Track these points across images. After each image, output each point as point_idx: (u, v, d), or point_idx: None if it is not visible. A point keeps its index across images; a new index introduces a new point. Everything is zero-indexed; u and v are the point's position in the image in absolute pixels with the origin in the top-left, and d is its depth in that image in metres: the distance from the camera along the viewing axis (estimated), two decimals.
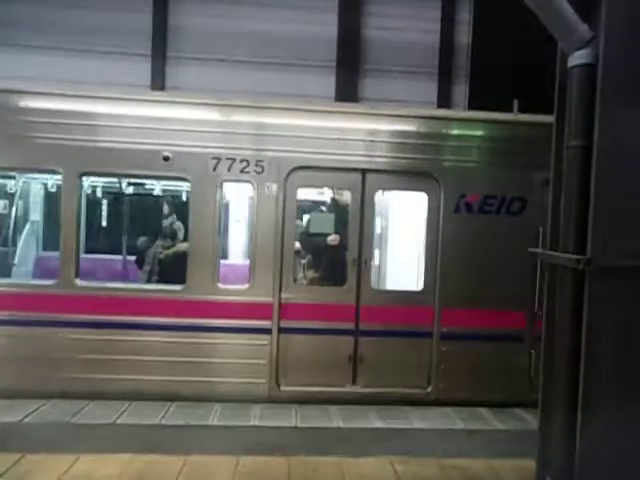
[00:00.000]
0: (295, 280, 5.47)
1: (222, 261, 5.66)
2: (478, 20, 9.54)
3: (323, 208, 6.31)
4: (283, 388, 5.24)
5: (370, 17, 9.59)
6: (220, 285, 5.26)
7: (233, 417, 4.78)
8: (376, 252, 5.91)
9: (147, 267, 6.38)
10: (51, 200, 7.64)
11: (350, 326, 5.34)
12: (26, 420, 4.52)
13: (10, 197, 7.21)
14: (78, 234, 5.35)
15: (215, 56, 9.27)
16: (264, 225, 5.28)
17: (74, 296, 5.11)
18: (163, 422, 4.63)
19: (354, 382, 5.34)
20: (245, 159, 5.20)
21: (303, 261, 5.93)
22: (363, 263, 5.37)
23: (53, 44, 9.01)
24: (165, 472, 3.66)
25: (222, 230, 5.68)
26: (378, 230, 5.96)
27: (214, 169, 5.18)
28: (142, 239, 6.93)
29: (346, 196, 5.70)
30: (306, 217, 6.27)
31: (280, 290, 5.25)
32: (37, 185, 7.66)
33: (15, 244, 7.34)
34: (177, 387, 5.09)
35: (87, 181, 6.66)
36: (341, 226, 5.65)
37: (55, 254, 7.53)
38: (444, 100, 9.56)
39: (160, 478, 3.59)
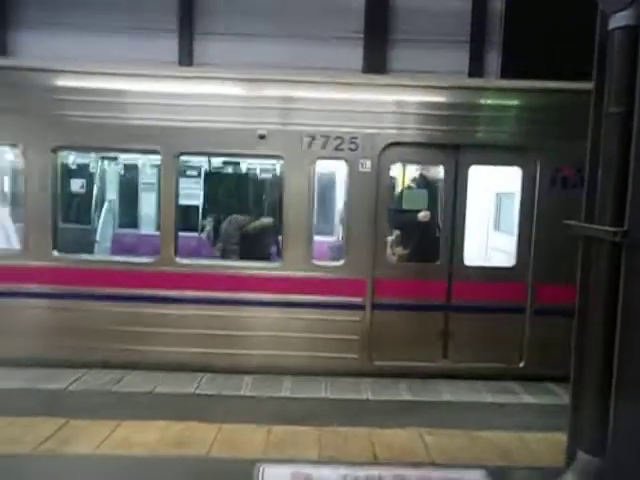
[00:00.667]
0: (387, 257, 5.53)
1: None
2: None
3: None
4: (376, 362, 5.33)
5: None
6: (315, 261, 5.36)
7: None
8: (467, 228, 5.85)
9: (220, 244, 6.48)
10: (126, 179, 8.15)
11: (441, 302, 5.38)
12: (70, 388, 4.75)
13: (90, 177, 7.55)
14: (177, 213, 5.46)
15: (241, 30, 9.21)
16: (358, 202, 5.31)
17: (174, 273, 5.27)
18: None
19: (445, 357, 5.41)
20: (340, 136, 5.21)
21: (391, 238, 5.92)
22: (455, 239, 5.36)
23: (79, 21, 9.10)
24: (201, 438, 3.81)
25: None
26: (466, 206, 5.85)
27: (309, 146, 5.21)
28: (212, 215, 7.07)
29: (433, 172, 5.69)
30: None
31: (374, 266, 5.29)
32: (113, 165, 8.00)
33: (96, 222, 7.73)
34: (275, 360, 5.24)
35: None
36: (431, 202, 5.66)
37: (129, 231, 7.93)
38: (476, 69, 9.29)
39: (196, 444, 3.74)
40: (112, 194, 8.07)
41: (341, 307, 5.28)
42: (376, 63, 9.21)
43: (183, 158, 6.12)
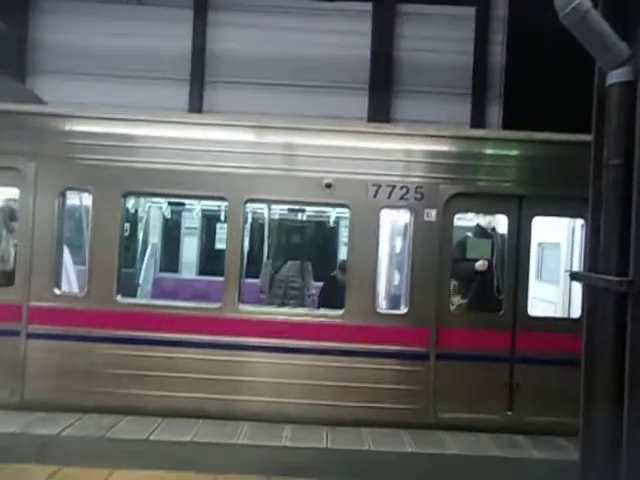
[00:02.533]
0: (450, 306, 5.45)
1: None
2: (512, 40, 9.51)
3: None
4: (441, 415, 5.15)
5: (403, 39, 9.71)
6: (379, 310, 5.35)
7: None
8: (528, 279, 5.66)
9: (277, 291, 6.42)
10: (169, 224, 8.52)
11: (506, 353, 5.23)
12: (63, 433, 4.62)
13: (135, 221, 7.75)
14: (242, 260, 5.41)
15: (250, 79, 9.52)
16: (422, 251, 5.26)
17: (238, 320, 5.17)
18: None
19: (510, 410, 5.21)
20: (405, 186, 5.22)
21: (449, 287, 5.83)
22: (518, 289, 5.26)
23: (96, 70, 9.42)
24: None
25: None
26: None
27: (374, 196, 5.22)
28: (267, 262, 7.08)
29: (492, 221, 5.74)
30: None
31: (438, 316, 5.19)
32: (156, 209, 8.21)
33: (138, 265, 7.85)
34: (336, 412, 5.06)
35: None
36: (492, 252, 5.62)
37: (171, 275, 8.19)
38: (477, 121, 9.52)
39: None
40: (155, 238, 8.35)
41: (405, 357, 5.15)
42: (380, 113, 9.46)
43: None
